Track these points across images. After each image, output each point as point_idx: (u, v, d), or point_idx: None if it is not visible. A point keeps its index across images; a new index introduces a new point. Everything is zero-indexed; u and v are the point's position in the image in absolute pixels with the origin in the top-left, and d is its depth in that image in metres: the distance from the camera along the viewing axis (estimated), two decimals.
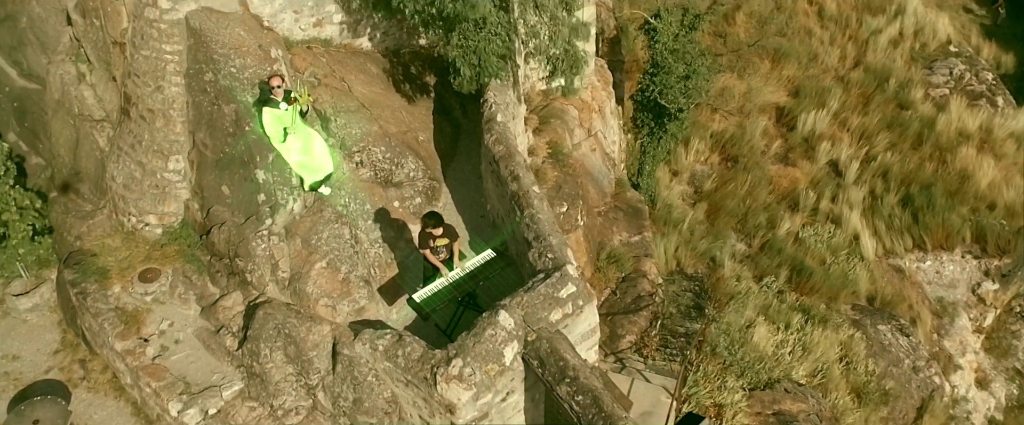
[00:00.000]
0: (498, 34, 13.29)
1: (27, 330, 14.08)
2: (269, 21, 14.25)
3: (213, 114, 12.94)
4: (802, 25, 29.09)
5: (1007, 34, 29.86)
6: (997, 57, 28.99)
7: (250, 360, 12.39)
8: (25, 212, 13.10)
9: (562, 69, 13.98)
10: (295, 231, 12.87)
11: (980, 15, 30.86)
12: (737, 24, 28.58)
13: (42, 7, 15.12)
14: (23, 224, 12.96)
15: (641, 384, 14.02)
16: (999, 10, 30.55)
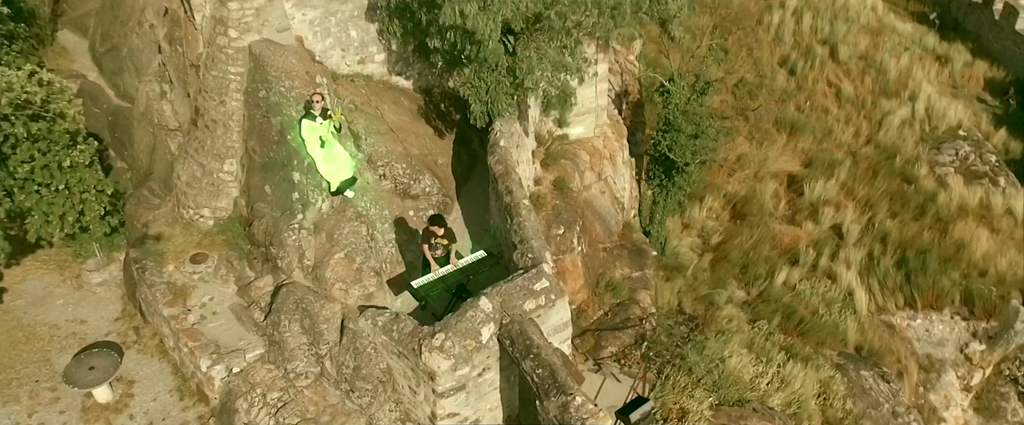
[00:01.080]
0: (506, 76, 14.95)
1: (95, 300, 15.93)
2: (320, 56, 16.25)
3: (263, 125, 14.83)
4: (820, 104, 30.30)
5: (1017, 123, 30.41)
6: (1006, 143, 29.52)
7: (271, 329, 13.96)
8: (101, 195, 14.95)
9: (554, 103, 15.41)
10: (321, 226, 14.51)
11: (992, 105, 31.52)
12: (759, 100, 29.94)
13: (140, 40, 17.49)
14: (98, 205, 14.80)
15: (612, 383, 15.07)
16: (1010, 101, 31.19)
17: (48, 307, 15.75)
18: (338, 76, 16.41)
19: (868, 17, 35.48)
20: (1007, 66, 33.79)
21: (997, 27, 34.88)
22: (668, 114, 21.92)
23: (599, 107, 20.26)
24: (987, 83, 33.02)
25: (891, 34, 34.77)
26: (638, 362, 16.33)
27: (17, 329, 15.31)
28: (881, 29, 34.98)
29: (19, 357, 14.82)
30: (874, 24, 35.20)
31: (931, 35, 35.79)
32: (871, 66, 31.95)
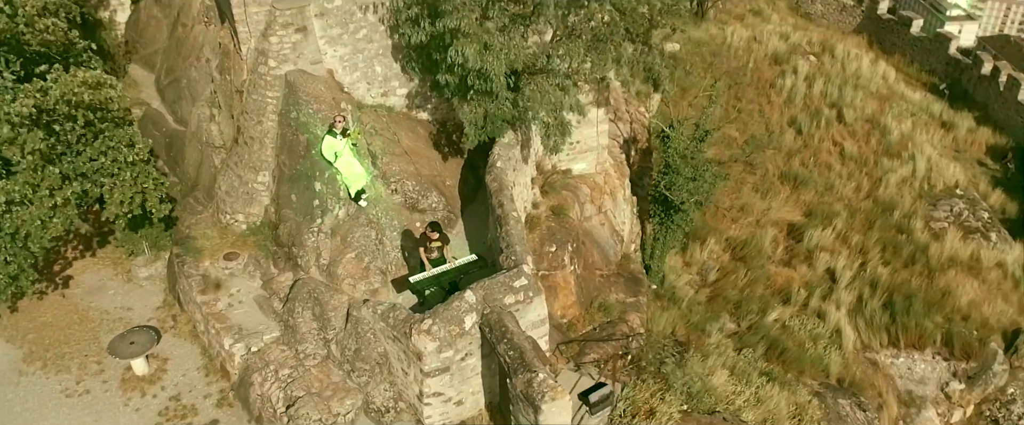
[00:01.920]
0: (505, 105, 16.58)
1: (141, 292, 17.71)
2: (348, 87, 18.12)
3: (292, 142, 16.63)
4: (824, 161, 31.31)
5: (1014, 185, 31.03)
6: (1003, 204, 30.12)
7: (287, 316, 15.50)
8: (159, 183, 16.77)
9: (552, 132, 16.94)
10: (338, 230, 16.11)
11: (992, 168, 32.19)
12: (765, 157, 31.15)
13: (198, 72, 19.63)
14: (156, 192, 16.61)
15: (588, 381, 16.14)
16: (1008, 164, 31.86)
17: (101, 296, 17.57)
18: (363, 106, 18.22)
19: (878, 85, 36.56)
20: (1010, 133, 34.53)
21: (1002, 97, 35.73)
22: (668, 157, 23.21)
23: (600, 146, 21.78)
24: (989, 149, 33.73)
25: (899, 101, 35.75)
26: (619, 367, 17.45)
27: (73, 312, 17.11)
28: (890, 96, 36.02)
29: (72, 335, 16.57)
30: (883, 91, 36.24)
31: (939, 103, 36.72)
32: (876, 128, 32.91)
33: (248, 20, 16.63)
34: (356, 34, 17.71)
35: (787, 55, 36.72)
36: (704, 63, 35.57)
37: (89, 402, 15.20)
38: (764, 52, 37.03)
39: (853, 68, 37.03)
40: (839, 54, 38.00)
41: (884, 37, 43.62)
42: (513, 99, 16.60)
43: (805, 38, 39.44)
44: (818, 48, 38.55)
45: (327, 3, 17.06)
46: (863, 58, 38.38)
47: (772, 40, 38.00)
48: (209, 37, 18.93)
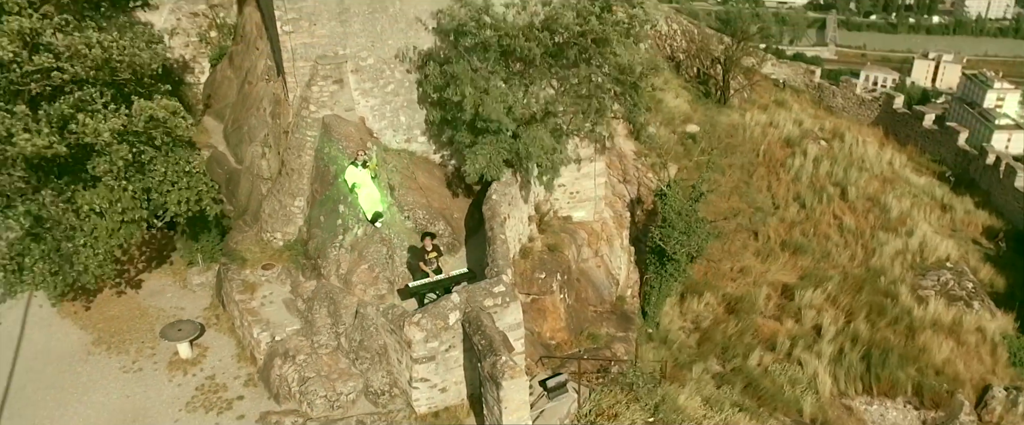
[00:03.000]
0: (503, 148, 19.05)
1: (193, 296, 20.28)
2: (376, 133, 20.86)
3: (324, 172, 19.31)
4: (823, 232, 32.79)
5: (1005, 262, 31.91)
6: (992, 278, 31.02)
7: (307, 313, 17.83)
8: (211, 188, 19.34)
9: (542, 172, 19.24)
10: (355, 246, 18.49)
11: (986, 247, 33.14)
12: (770, 226, 32.80)
13: (256, 119, 22.67)
14: (209, 194, 19.17)
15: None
16: (1000, 243, 32.79)
17: (160, 297, 20.21)
18: (388, 149, 20.90)
19: (883, 168, 38.06)
20: (1007, 217, 35.55)
21: (1001, 184, 36.82)
22: (664, 212, 25.21)
23: (598, 197, 23.98)
24: (985, 229, 34.74)
25: (902, 183, 37.13)
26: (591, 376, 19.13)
27: (136, 309, 19.76)
28: (893, 179, 37.42)
29: (133, 326, 19.15)
30: (888, 174, 37.69)
31: (941, 188, 37.93)
32: (876, 206, 34.30)
33: (296, 72, 19.65)
34: (385, 88, 20.57)
35: (799, 139, 38.62)
36: (719, 144, 37.64)
37: (140, 377, 17.60)
38: (778, 135, 39.01)
39: (860, 152, 38.68)
40: (848, 140, 39.73)
41: (899, 129, 45.18)
42: (511, 144, 19.06)
43: (818, 125, 41.39)
44: (829, 134, 40.38)
45: (361, 61, 20.02)
46: (870, 145, 40.02)
47: (787, 125, 40.01)
48: (267, 91, 22.01)
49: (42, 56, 15.14)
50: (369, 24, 19.80)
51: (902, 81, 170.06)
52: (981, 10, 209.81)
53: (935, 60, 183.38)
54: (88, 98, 16.50)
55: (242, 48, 25.13)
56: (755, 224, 32.80)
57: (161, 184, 17.71)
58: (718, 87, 43.15)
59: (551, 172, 19.47)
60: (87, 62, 16.36)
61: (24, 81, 15.44)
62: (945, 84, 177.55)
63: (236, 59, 25.49)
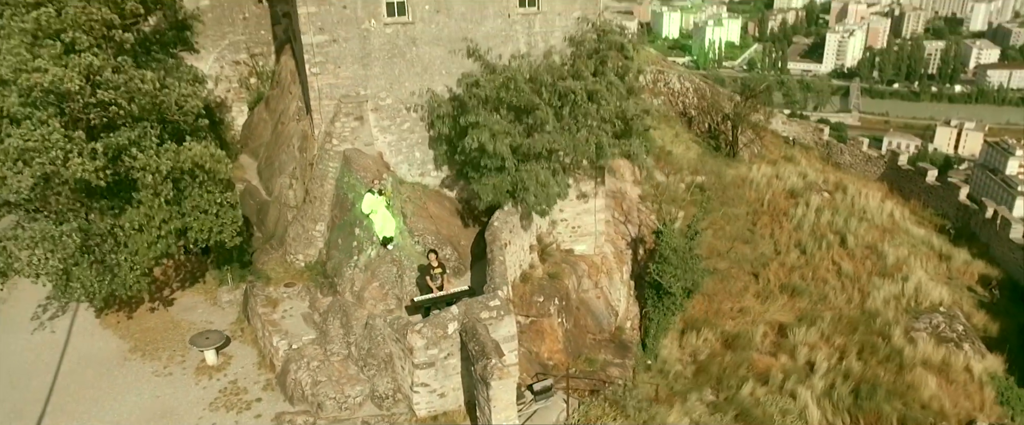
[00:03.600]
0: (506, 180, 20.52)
1: (222, 312, 21.73)
2: (393, 167, 22.48)
3: (343, 199, 20.89)
4: (821, 276, 33.48)
5: (999, 309, 32.31)
6: (985, 324, 31.43)
7: (322, 324, 19.18)
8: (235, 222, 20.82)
9: (538, 200, 20.61)
10: (369, 266, 19.92)
11: (981, 294, 33.57)
12: (770, 270, 33.65)
13: (286, 155, 24.44)
14: (232, 228, 20.72)
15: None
16: (993, 290, 33.24)
17: (192, 313, 21.70)
18: (403, 182, 22.49)
19: (883, 219, 38.78)
20: (1003, 268, 35.96)
21: (998, 236, 37.35)
22: (661, 249, 26.35)
23: (598, 232, 25.23)
24: (980, 277, 35.15)
25: (902, 234, 37.81)
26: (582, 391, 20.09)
27: (170, 322, 21.25)
28: (893, 229, 38.11)
29: (166, 337, 20.62)
30: (888, 225, 38.41)
31: (940, 239, 38.50)
32: (874, 253, 35.00)
33: (321, 110, 21.43)
34: (402, 126, 22.27)
35: (803, 190, 39.60)
36: (725, 192, 38.80)
37: (170, 381, 18.99)
38: (782, 187, 40.05)
39: (861, 204, 39.50)
40: (851, 192, 40.62)
41: (904, 185, 45.91)
42: (513, 177, 20.54)
43: (822, 178, 42.37)
44: (832, 186, 41.32)
45: (381, 101, 21.78)
46: (872, 197, 40.82)
47: (791, 177, 41.06)
48: (297, 129, 23.82)
49: (106, 91, 16.98)
50: (388, 68, 21.60)
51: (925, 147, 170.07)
52: (1002, 80, 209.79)
53: (957, 127, 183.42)
54: (143, 134, 18.36)
55: (277, 93, 27.13)
56: (756, 267, 33.68)
57: (194, 211, 19.25)
58: (727, 142, 44.45)
59: (545, 203, 20.81)
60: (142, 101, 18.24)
61: (85, 111, 17.29)
62: (968, 151, 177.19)
63: (271, 103, 27.47)
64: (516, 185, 20.69)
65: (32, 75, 15.92)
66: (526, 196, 20.68)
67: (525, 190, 20.48)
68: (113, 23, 17.58)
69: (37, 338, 20.32)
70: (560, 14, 22.41)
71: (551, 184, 20.70)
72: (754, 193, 39.35)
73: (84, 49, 16.79)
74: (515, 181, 20.68)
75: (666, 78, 48.15)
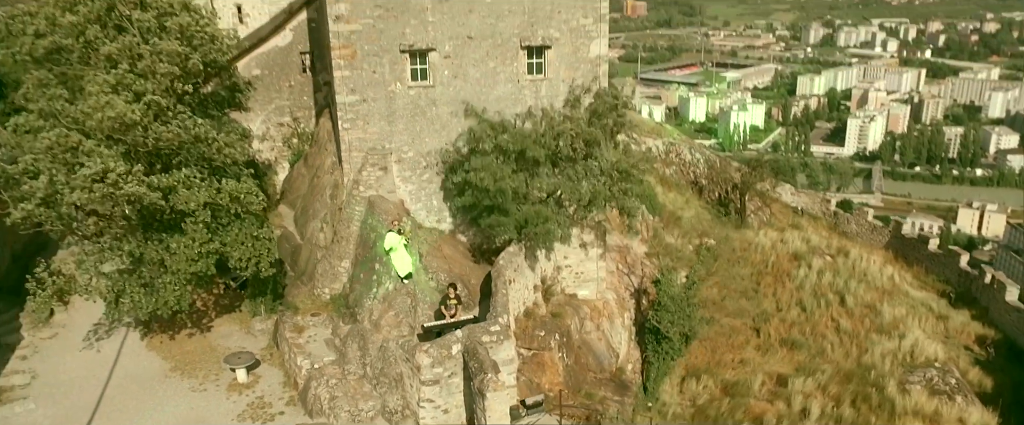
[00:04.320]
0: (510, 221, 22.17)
1: (254, 339, 23.35)
2: (413, 212, 24.28)
3: (367, 239, 22.66)
4: (821, 332, 34.14)
5: (994, 367, 32.57)
6: (980, 379, 31.69)
7: (342, 347, 20.66)
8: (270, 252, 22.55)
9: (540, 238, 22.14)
10: (386, 298, 21.50)
11: (977, 353, 33.86)
12: (771, 325, 34.43)
13: (320, 203, 26.42)
14: (268, 257, 22.40)
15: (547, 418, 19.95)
16: (989, 348, 33.55)
17: (227, 339, 23.35)
18: (422, 226, 24.23)
19: (884, 282, 39.42)
20: (1000, 329, 36.24)
21: (996, 299, 37.77)
22: (660, 297, 27.55)
23: (599, 278, 26.56)
24: (978, 338, 35.44)
25: (901, 296, 38.37)
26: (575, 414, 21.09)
27: (207, 346, 22.90)
28: (893, 291, 38.71)
29: (203, 358, 22.25)
30: (888, 287, 39.02)
31: (940, 302, 38.95)
32: (872, 311, 35.61)
33: (351, 160, 23.46)
34: (421, 176, 24.18)
35: (806, 254, 40.52)
36: (732, 255, 39.90)
37: (204, 396, 20.52)
38: (786, 250, 41.03)
39: (863, 267, 40.22)
40: (853, 256, 41.41)
41: (908, 253, 46.54)
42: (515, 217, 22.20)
43: (826, 243, 43.25)
44: (835, 251, 42.15)
45: (403, 154, 23.78)
46: (874, 261, 41.51)
47: (796, 242, 42.06)
48: (330, 180, 25.85)
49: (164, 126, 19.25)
50: (410, 125, 23.67)
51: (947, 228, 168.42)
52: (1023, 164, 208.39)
53: (980, 209, 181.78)
54: (191, 176, 20.50)
55: (315, 150, 29.36)
56: (758, 323, 34.47)
57: (234, 241, 21.16)
58: (736, 209, 45.73)
59: (545, 240, 22.34)
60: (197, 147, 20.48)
61: (144, 144, 19.49)
62: (991, 232, 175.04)
63: (309, 159, 29.68)
64: (519, 224, 22.28)
65: (104, 110, 18.15)
66: (528, 230, 22.22)
67: (528, 226, 22.02)
68: (175, 75, 19.87)
69: (88, 356, 22.07)
70: (563, 81, 24.40)
71: (551, 221, 22.25)
72: (759, 256, 40.32)
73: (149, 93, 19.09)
74: (518, 220, 22.29)
75: (678, 150, 49.94)
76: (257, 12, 33.42)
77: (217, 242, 20.88)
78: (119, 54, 19.83)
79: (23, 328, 23.07)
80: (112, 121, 18.83)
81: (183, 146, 20.03)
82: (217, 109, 24.39)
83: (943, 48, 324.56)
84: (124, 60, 19.82)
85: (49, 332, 23.11)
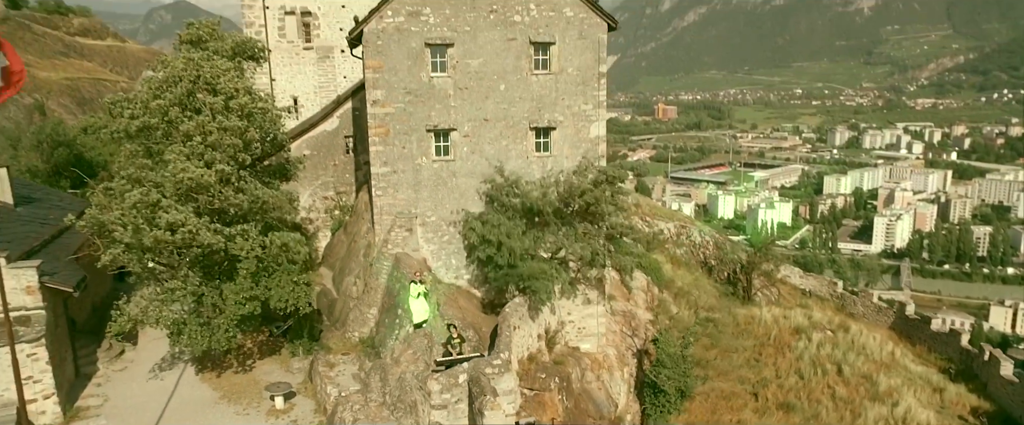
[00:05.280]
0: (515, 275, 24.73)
1: (292, 375, 25.79)
2: (434, 269, 26.99)
3: (392, 290, 25.35)
4: (816, 398, 35.28)
5: None
6: None
7: (365, 378, 23.05)
8: (307, 295, 25.28)
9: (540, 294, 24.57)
10: (406, 339, 23.98)
11: (971, 422, 34.55)
12: (769, 390, 35.74)
13: (354, 261, 29.34)
14: (305, 300, 25.12)
15: None
16: (982, 419, 34.27)
17: (269, 375, 25.87)
18: (441, 282, 26.88)
19: (882, 356, 40.43)
20: (996, 402, 36.88)
21: (993, 374, 38.56)
22: (658, 354, 29.49)
23: (599, 333, 28.68)
24: (973, 410, 36.09)
25: (900, 369, 39.30)
26: None
27: (251, 380, 25.45)
28: (892, 365, 39.67)
29: (247, 390, 24.76)
30: (887, 361, 40.00)
31: (940, 376, 39.71)
32: (868, 381, 36.65)
33: (381, 222, 26.48)
34: (442, 238, 27.03)
35: (807, 328, 41.89)
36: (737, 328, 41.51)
37: (247, 419, 22.94)
38: (789, 325, 42.48)
39: (862, 341, 41.34)
40: (853, 331, 42.57)
41: (912, 333, 47.47)
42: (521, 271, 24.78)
43: (827, 319, 44.52)
44: (836, 326, 43.38)
45: (427, 218, 26.75)
46: (874, 337, 42.58)
47: (798, 318, 43.48)
48: (364, 242, 28.86)
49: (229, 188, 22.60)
50: (434, 193, 26.74)
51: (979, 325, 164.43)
52: None
53: (1013, 307, 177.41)
54: (247, 229, 23.70)
55: (354, 220, 32.56)
56: (757, 388, 35.80)
57: (277, 286, 24.09)
58: (743, 288, 47.47)
59: (547, 293, 24.77)
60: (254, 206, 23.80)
61: (211, 204, 22.79)
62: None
63: (349, 227, 32.85)
64: (524, 277, 24.81)
65: (182, 174, 21.59)
66: (532, 285, 24.71)
67: (533, 280, 24.54)
68: (238, 147, 23.38)
69: (152, 385, 24.76)
70: (567, 157, 27.40)
71: (551, 278, 24.73)
72: (762, 329, 41.77)
73: (217, 162, 22.56)
74: (522, 275, 24.84)
75: (688, 232, 52.25)
76: (310, 103, 37.63)
77: (262, 287, 23.76)
78: (194, 130, 23.44)
79: (99, 362, 25.97)
80: (190, 183, 22.28)
81: (243, 205, 23.29)
82: (272, 179, 27.82)
83: (969, 151, 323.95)
84: (197, 135, 23.42)
85: (120, 366, 25.97)
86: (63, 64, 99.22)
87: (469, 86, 26.35)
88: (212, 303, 23.50)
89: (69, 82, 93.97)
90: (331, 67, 39.72)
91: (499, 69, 26.43)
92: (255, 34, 38.16)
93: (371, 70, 25.91)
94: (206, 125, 23.41)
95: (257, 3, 38.46)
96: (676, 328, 36.87)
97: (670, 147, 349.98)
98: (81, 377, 24.92)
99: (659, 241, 49.71)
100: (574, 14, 26.55)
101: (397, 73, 25.89)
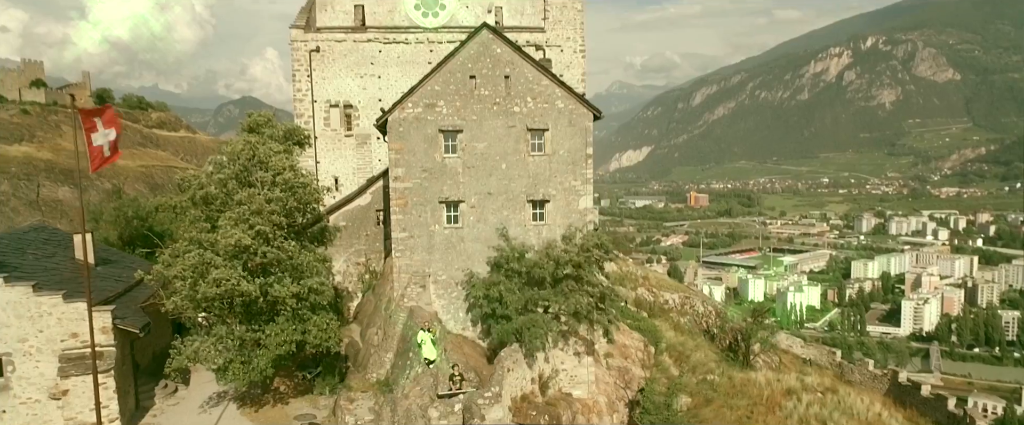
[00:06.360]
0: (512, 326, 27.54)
1: (319, 411, 28.60)
2: (443, 320, 29.94)
3: (405, 337, 28.33)
4: None
5: None
6: None
7: (379, 410, 25.78)
8: (332, 338, 28.30)
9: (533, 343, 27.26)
10: (415, 378, 26.75)
11: None
12: None
13: (378, 317, 32.48)
14: (330, 342, 28.13)
15: None
16: None
17: (298, 410, 28.71)
18: (450, 332, 29.77)
19: (869, 417, 41.46)
20: None
21: None
22: (644, 404, 31.58)
23: (589, 381, 31.01)
24: None
25: None
26: None
27: (284, 414, 28.30)
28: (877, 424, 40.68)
29: (279, 422, 27.63)
30: (873, 420, 41.01)
31: None
32: None
33: (399, 280, 29.74)
34: (451, 294, 30.10)
35: (798, 390, 43.23)
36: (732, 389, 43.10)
37: None
38: (781, 387, 43.86)
39: (849, 402, 42.43)
40: (842, 393, 43.70)
41: (904, 399, 48.23)
42: (517, 323, 27.61)
43: (818, 382, 45.69)
44: (825, 389, 44.53)
45: (438, 277, 29.93)
46: (863, 400, 43.58)
47: (790, 380, 44.86)
48: (387, 300, 32.05)
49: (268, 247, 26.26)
50: (445, 255, 30.01)
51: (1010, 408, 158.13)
52: None
53: None
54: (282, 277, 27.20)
55: (381, 282, 35.89)
56: None
57: (312, 327, 27.33)
58: (743, 354, 49.10)
59: (539, 341, 27.45)
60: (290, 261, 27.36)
61: (252, 259, 26.40)
62: None
63: (376, 289, 36.16)
64: (518, 330, 27.60)
65: (228, 238, 25.32)
66: (525, 335, 27.45)
67: (527, 330, 27.30)
68: (280, 212, 27.16)
69: (200, 417, 27.81)
70: (559, 225, 30.57)
71: (543, 329, 27.46)
72: (756, 390, 43.28)
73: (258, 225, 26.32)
74: (517, 327, 27.64)
75: (692, 303, 54.30)
76: (349, 182, 41.76)
77: (299, 330, 27.02)
78: (246, 199, 27.34)
79: (155, 397, 29.19)
80: (234, 246, 25.98)
81: (280, 260, 26.86)
82: (311, 243, 31.46)
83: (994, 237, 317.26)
84: (247, 203, 27.30)
85: (173, 401, 29.15)
86: (140, 153, 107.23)
87: (476, 165, 29.98)
88: (254, 341, 26.72)
89: (144, 169, 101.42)
90: (368, 151, 44.10)
91: (501, 151, 30.07)
92: (304, 124, 42.92)
93: (394, 151, 29.79)
94: (255, 196, 27.29)
95: (306, 98, 43.37)
96: (669, 381, 38.80)
97: (702, 233, 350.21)
98: (140, 409, 28.12)
99: (663, 310, 51.87)
100: (565, 106, 30.28)
101: (415, 154, 29.71)
